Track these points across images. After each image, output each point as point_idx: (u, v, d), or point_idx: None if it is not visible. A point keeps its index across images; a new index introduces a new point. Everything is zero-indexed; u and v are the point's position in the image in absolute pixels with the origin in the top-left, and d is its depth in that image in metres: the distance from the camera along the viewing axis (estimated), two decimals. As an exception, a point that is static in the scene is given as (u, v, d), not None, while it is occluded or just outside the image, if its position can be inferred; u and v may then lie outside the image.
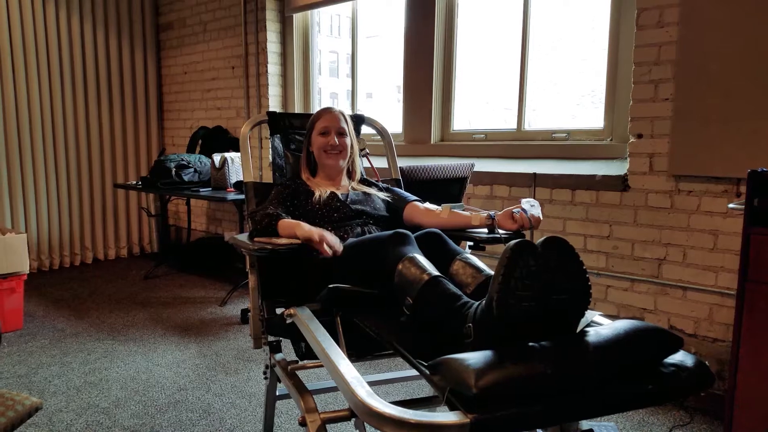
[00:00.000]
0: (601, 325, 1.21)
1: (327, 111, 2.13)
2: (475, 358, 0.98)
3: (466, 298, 1.26)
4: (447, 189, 2.99)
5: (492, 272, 1.43)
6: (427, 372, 1.04)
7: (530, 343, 1.04)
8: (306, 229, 1.67)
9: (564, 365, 0.98)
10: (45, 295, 4.19)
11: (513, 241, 1.07)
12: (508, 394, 0.93)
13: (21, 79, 4.57)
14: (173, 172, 4.29)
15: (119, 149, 5.28)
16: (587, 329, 1.11)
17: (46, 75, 4.73)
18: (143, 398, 2.62)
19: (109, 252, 5.32)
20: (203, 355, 3.10)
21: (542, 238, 1.10)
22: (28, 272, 4.68)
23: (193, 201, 5.35)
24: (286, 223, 1.77)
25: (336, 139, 2.06)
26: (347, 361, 1.14)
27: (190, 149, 4.97)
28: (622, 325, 1.11)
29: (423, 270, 1.36)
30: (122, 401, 2.59)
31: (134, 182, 4.83)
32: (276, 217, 1.80)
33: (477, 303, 1.20)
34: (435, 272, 1.36)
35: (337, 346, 1.23)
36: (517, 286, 1.05)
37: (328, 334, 1.31)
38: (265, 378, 1.90)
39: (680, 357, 1.10)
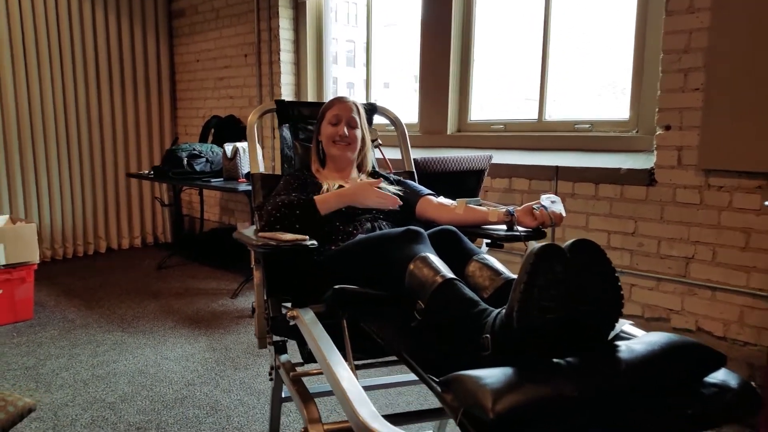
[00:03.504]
0: (631, 337, 1.10)
1: (339, 100, 2.03)
2: (492, 376, 0.87)
3: (483, 305, 1.15)
4: (463, 182, 2.89)
5: (512, 275, 1.33)
6: (438, 389, 0.94)
7: (554, 360, 0.94)
8: (351, 192, 1.75)
9: (593, 386, 0.87)
10: (57, 285, 4.16)
11: (537, 245, 0.96)
12: (530, 419, 0.82)
13: (33, 67, 4.52)
14: (185, 162, 4.22)
15: (132, 138, 5.23)
16: (618, 343, 1.00)
17: (59, 63, 4.68)
18: (150, 393, 2.56)
19: (122, 241, 5.28)
20: (213, 348, 3.03)
21: (570, 242, 0.99)
22: (41, 261, 4.68)
23: (205, 191, 5.29)
24: (321, 198, 1.77)
25: (345, 130, 1.96)
26: (350, 374, 1.04)
27: (203, 138, 4.91)
28: (657, 339, 1.00)
29: (436, 271, 1.26)
30: (129, 396, 2.53)
31: (146, 171, 4.77)
32: (309, 200, 1.76)
33: (496, 311, 1.09)
34: (449, 274, 1.25)
35: (341, 356, 1.14)
36: (541, 295, 0.94)
37: (331, 342, 1.21)
38: (271, 379, 1.81)
39: (722, 376, 0.98)
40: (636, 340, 1.03)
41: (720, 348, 2.58)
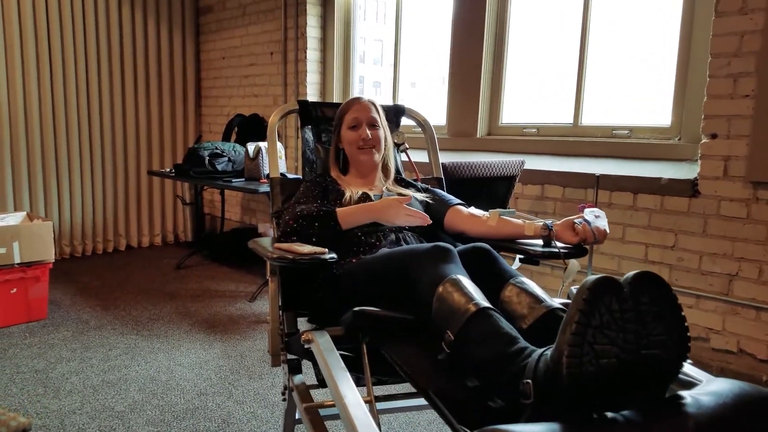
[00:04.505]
0: (692, 382, 0.95)
1: (355, 101, 1.90)
2: (536, 435, 0.74)
3: (523, 342, 1.01)
4: (493, 188, 2.75)
5: (553, 302, 1.19)
6: (472, 444, 0.81)
7: (609, 414, 0.79)
8: (378, 208, 1.62)
9: (656, 450, 0.73)
10: (74, 283, 4.10)
11: (592, 278, 0.82)
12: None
13: (57, 62, 4.47)
14: (206, 161, 4.13)
15: (155, 135, 5.16)
16: (681, 394, 0.85)
17: (83, 59, 4.62)
18: (161, 402, 2.46)
19: (143, 239, 5.22)
20: (227, 355, 2.93)
21: (630, 274, 0.84)
22: (59, 258, 4.64)
23: (227, 191, 5.21)
24: (345, 212, 1.64)
25: (368, 132, 1.83)
26: (368, 416, 0.91)
27: (226, 137, 4.82)
28: (726, 389, 0.85)
29: (469, 298, 1.12)
30: (139, 405, 2.43)
31: (168, 169, 4.70)
32: (331, 212, 1.63)
33: (539, 352, 0.94)
34: (484, 302, 1.11)
35: (357, 393, 1.00)
36: (595, 337, 0.80)
37: (347, 375, 1.08)
38: (284, 400, 1.69)
39: (806, 436, 0.83)
40: (702, 389, 0.88)
41: (762, 372, 2.41)
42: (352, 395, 0.98)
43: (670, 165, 2.75)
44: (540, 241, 1.62)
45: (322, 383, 1.48)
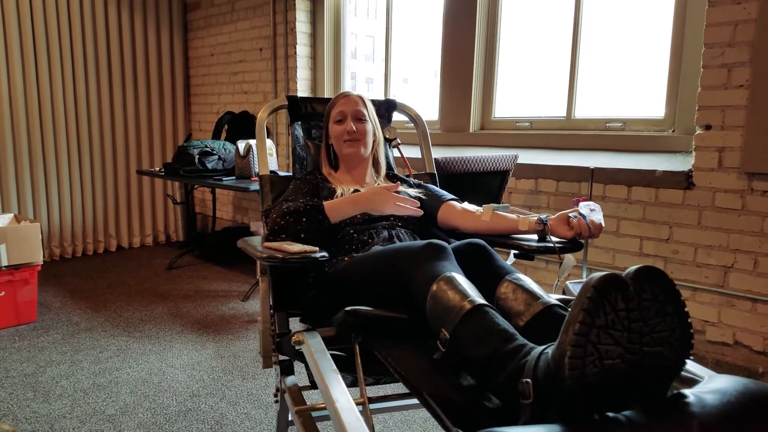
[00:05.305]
0: (694, 379, 0.92)
1: (343, 95, 1.87)
2: (537, 438, 0.71)
3: (521, 339, 0.98)
4: (486, 183, 2.73)
5: (550, 299, 1.15)
6: (469, 448, 0.78)
7: (610, 414, 0.76)
8: (365, 197, 1.56)
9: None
10: (64, 285, 4.05)
11: (597, 275, 0.78)
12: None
13: (43, 61, 4.41)
14: (196, 160, 4.08)
15: (144, 134, 5.10)
16: (684, 392, 0.82)
17: (69, 58, 4.55)
18: (153, 405, 2.42)
19: (133, 240, 5.17)
20: (220, 356, 2.89)
21: (632, 269, 0.81)
22: (49, 260, 4.59)
23: (218, 189, 5.16)
24: (332, 205, 1.59)
25: (353, 125, 1.80)
26: (361, 422, 0.88)
27: (216, 135, 4.77)
28: (730, 386, 0.82)
29: (464, 295, 1.09)
30: (130, 407, 2.39)
31: (158, 169, 4.65)
32: (318, 205, 1.59)
33: (539, 350, 0.91)
34: (479, 299, 1.07)
35: (349, 396, 0.97)
36: (598, 337, 0.77)
37: (339, 378, 1.05)
38: (276, 402, 1.66)
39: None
40: (704, 387, 0.85)
41: (759, 363, 2.40)
42: (343, 399, 0.95)
43: (665, 157, 2.73)
44: (534, 236, 1.59)
45: (314, 384, 1.45)
